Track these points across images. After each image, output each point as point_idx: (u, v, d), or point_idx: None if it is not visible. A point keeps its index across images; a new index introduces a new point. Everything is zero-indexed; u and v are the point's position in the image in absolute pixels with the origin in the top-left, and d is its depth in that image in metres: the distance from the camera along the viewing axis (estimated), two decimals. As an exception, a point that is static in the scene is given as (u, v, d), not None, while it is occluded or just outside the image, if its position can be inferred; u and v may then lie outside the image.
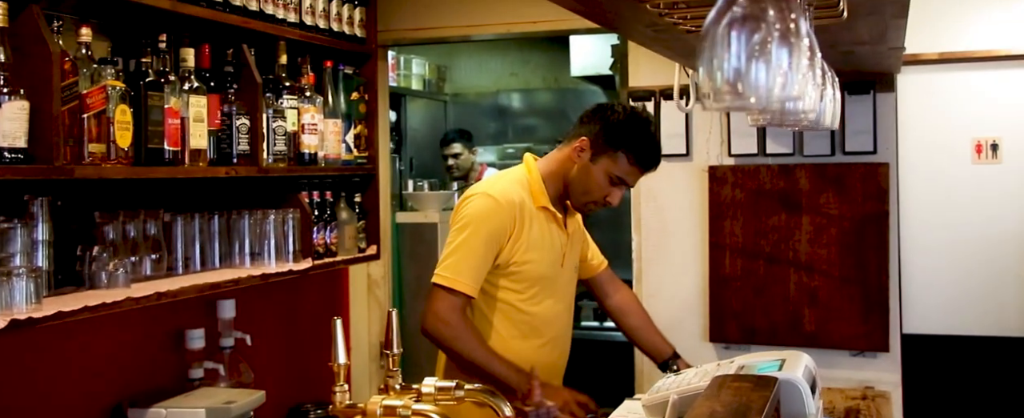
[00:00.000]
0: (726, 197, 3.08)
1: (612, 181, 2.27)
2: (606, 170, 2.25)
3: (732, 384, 1.61)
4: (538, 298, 2.33)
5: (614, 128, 2.25)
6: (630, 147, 2.24)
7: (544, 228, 2.31)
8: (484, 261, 2.24)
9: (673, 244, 3.22)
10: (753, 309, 3.05)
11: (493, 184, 2.34)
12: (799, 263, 3.00)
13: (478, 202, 2.27)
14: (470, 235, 2.23)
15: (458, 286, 2.20)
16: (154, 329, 2.44)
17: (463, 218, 2.27)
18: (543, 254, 2.31)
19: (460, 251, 2.23)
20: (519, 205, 2.26)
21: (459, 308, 2.21)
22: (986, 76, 3.63)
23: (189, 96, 2.26)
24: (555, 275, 2.35)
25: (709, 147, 3.15)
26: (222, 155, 2.41)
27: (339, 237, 2.93)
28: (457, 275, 2.21)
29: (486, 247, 2.24)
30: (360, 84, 3.05)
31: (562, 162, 2.33)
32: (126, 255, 2.18)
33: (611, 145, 2.25)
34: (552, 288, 2.35)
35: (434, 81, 5.85)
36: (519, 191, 2.30)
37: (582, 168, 2.28)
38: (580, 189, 2.29)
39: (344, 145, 2.94)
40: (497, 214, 2.23)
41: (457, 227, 2.27)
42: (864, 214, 2.95)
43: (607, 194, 2.28)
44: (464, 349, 2.20)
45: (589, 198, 2.30)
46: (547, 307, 2.35)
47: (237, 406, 2.30)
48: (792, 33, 0.80)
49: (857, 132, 2.97)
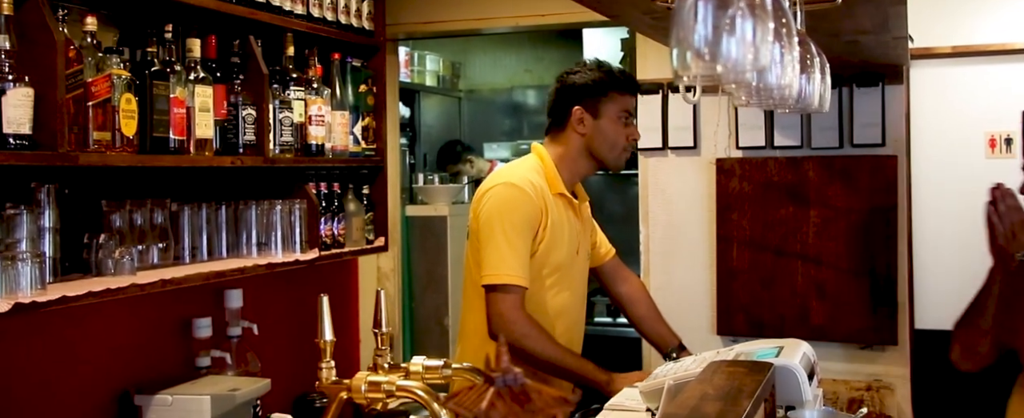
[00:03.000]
0: (734, 190, 3.07)
1: (623, 120, 2.36)
2: (612, 116, 2.35)
3: (726, 369, 1.60)
4: (555, 287, 2.33)
5: (589, 83, 2.35)
6: (613, 85, 2.36)
7: (562, 215, 2.33)
8: (526, 249, 2.24)
9: (681, 237, 3.21)
10: (761, 302, 3.04)
11: (511, 173, 2.34)
12: (807, 256, 2.98)
13: (503, 193, 2.26)
14: (506, 227, 2.21)
15: (511, 280, 2.19)
16: (161, 318, 2.47)
17: (491, 211, 2.25)
18: (562, 241, 2.32)
19: (500, 245, 2.21)
20: (541, 192, 2.28)
21: (519, 304, 2.20)
22: (1000, 70, 3.59)
23: (195, 86, 2.29)
24: (571, 263, 2.36)
25: (717, 140, 3.14)
26: (228, 145, 2.43)
27: (347, 228, 2.95)
28: (506, 270, 2.19)
29: (524, 237, 2.23)
30: (368, 76, 3.06)
31: (569, 143, 2.37)
32: (133, 244, 2.21)
33: (599, 94, 2.35)
34: (568, 276, 2.35)
35: (448, 77, 5.85)
36: (537, 178, 2.31)
37: (594, 131, 2.34)
38: (606, 147, 2.37)
39: (352, 137, 2.96)
40: (526, 201, 2.24)
41: (487, 221, 2.25)
42: (872, 207, 2.94)
43: (628, 135, 2.38)
44: (535, 347, 2.18)
45: (619, 148, 2.39)
46: (563, 296, 2.35)
47: (242, 393, 2.32)
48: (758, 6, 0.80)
49: (865, 125, 2.96)
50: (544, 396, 0.77)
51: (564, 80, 2.40)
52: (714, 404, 1.35)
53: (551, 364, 2.18)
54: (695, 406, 1.36)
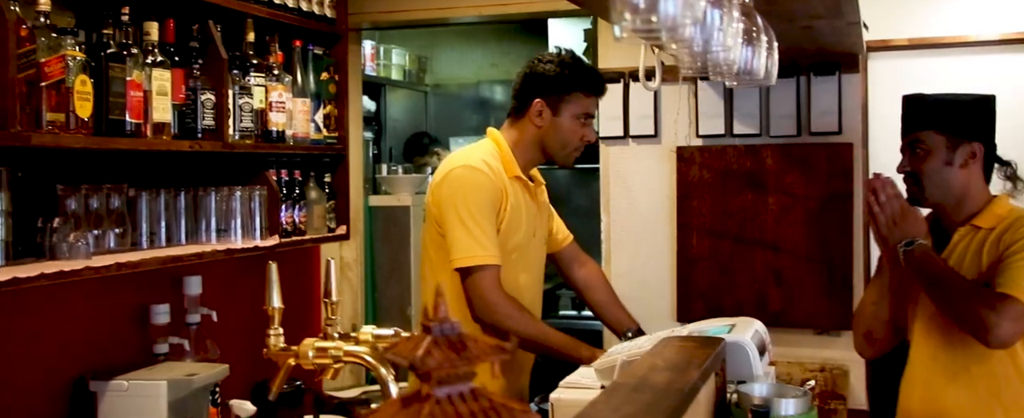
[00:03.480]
0: (694, 177, 3.11)
1: (581, 121, 2.36)
2: (571, 115, 2.34)
3: (678, 343, 1.63)
4: (515, 268, 2.34)
5: (556, 77, 2.34)
6: (579, 85, 2.35)
7: (519, 197, 2.34)
8: (493, 228, 2.24)
9: (641, 225, 3.24)
10: (720, 289, 3.07)
11: (467, 156, 2.34)
12: (765, 242, 3.02)
13: (463, 175, 2.26)
14: (471, 208, 2.21)
15: (484, 260, 2.19)
16: (118, 304, 2.45)
17: (453, 194, 2.24)
18: (521, 224, 2.33)
19: (468, 226, 2.20)
20: (498, 174, 2.29)
21: (496, 283, 2.20)
22: (955, 62, 3.65)
23: (152, 69, 2.27)
24: (528, 245, 2.37)
25: (677, 128, 3.17)
26: (186, 130, 2.42)
27: (308, 216, 2.94)
28: (477, 251, 2.19)
29: (488, 216, 2.23)
30: (330, 65, 3.06)
31: (525, 131, 2.37)
32: (88, 229, 2.19)
33: (564, 91, 2.33)
34: (525, 259, 2.37)
35: (415, 72, 5.85)
36: (493, 161, 2.31)
37: (551, 126, 2.34)
38: (558, 144, 2.36)
39: (313, 125, 2.95)
40: (487, 182, 2.25)
41: (450, 205, 2.24)
42: (829, 194, 2.98)
43: (582, 135, 2.37)
44: (517, 326, 2.19)
45: (571, 147, 2.38)
46: (522, 278, 2.36)
47: (199, 378, 2.31)
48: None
49: (822, 113, 3.00)
50: (480, 344, 0.78)
51: (532, 68, 2.39)
52: (663, 374, 1.38)
53: (536, 342, 2.21)
54: (644, 376, 1.38)
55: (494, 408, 0.79)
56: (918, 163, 2.00)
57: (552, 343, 2.22)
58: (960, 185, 1.99)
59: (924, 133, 2.00)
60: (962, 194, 2.00)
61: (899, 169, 2.06)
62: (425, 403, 0.78)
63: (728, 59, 1.19)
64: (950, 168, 1.98)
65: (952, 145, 1.98)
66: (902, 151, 2.06)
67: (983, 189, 2.04)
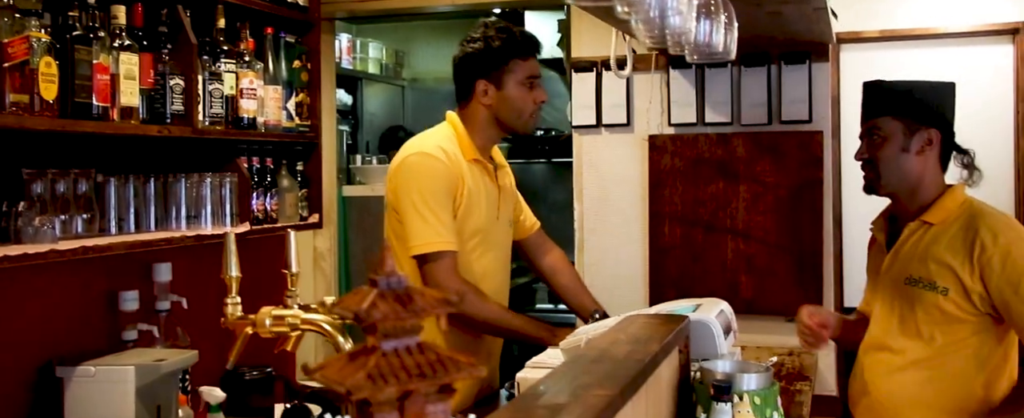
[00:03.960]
0: (665, 166, 3.12)
1: (527, 86, 2.35)
2: (516, 83, 2.34)
3: (642, 320, 1.64)
4: (478, 250, 2.34)
5: (488, 53, 2.34)
6: (512, 52, 2.33)
7: (478, 180, 2.34)
8: (449, 214, 2.24)
9: (614, 213, 3.26)
10: (691, 276, 3.09)
11: (422, 143, 2.35)
12: (736, 230, 3.04)
13: (417, 162, 2.27)
14: (425, 195, 2.22)
15: (440, 247, 2.19)
16: (86, 290, 2.43)
17: (408, 182, 2.25)
18: (480, 206, 2.33)
19: (423, 214, 2.21)
20: (455, 158, 2.29)
21: (453, 269, 2.20)
22: (924, 53, 3.69)
23: (120, 53, 2.26)
24: (491, 228, 2.37)
25: (649, 117, 3.19)
26: (155, 114, 2.40)
27: (280, 204, 2.93)
28: (433, 237, 2.19)
29: (443, 203, 2.23)
30: (302, 53, 3.05)
31: (476, 113, 2.37)
32: (55, 214, 2.17)
33: (500, 64, 2.33)
34: (490, 240, 2.37)
35: (392, 66, 5.84)
36: (449, 146, 2.32)
37: (499, 100, 2.34)
38: (513, 114, 2.36)
39: (285, 112, 2.94)
40: (441, 168, 2.25)
41: (406, 193, 2.25)
42: (800, 182, 3.01)
43: (534, 98, 2.36)
44: (474, 311, 2.19)
45: (526, 114, 2.37)
46: (486, 261, 2.36)
47: (167, 364, 2.29)
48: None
49: (792, 101, 3.03)
50: (427, 297, 0.78)
51: (463, 52, 2.39)
52: (623, 347, 1.38)
53: (494, 325, 2.21)
54: (605, 349, 1.38)
55: (441, 361, 0.79)
56: (875, 150, 2.01)
57: (512, 325, 2.23)
58: (916, 172, 2.00)
59: (881, 120, 2.01)
60: (917, 182, 2.01)
61: (857, 156, 2.08)
62: (371, 356, 0.78)
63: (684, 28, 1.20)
64: (906, 154, 1.99)
65: (909, 131, 1.99)
66: (860, 138, 2.08)
67: (938, 178, 2.04)
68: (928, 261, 1.95)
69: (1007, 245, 1.89)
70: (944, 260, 1.93)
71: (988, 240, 1.90)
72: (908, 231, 2.02)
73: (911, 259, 1.98)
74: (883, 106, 2.02)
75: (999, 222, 1.94)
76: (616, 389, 1.10)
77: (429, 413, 0.79)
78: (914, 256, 1.98)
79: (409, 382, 0.77)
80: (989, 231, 1.91)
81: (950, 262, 1.92)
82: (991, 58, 3.63)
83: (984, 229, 1.91)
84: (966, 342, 1.95)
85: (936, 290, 1.93)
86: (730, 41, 1.63)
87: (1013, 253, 1.88)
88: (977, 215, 1.96)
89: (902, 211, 2.07)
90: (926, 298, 1.95)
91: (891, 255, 2.03)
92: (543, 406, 1.04)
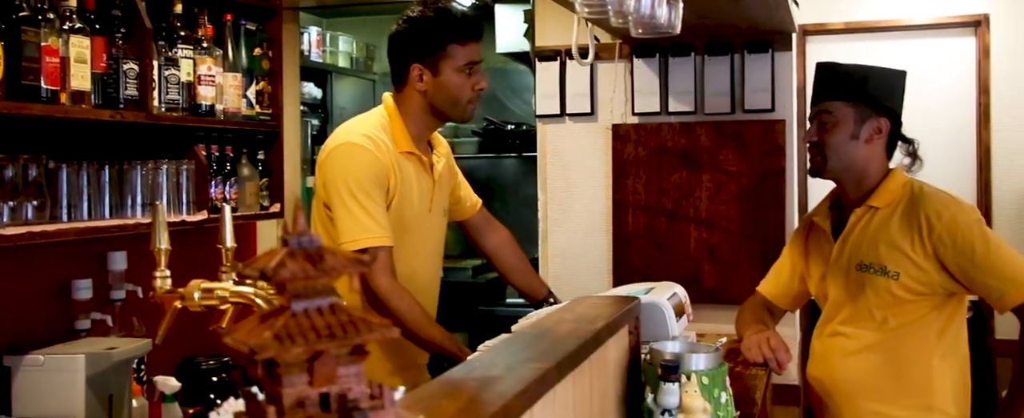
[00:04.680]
0: (629, 155, 3.11)
1: (466, 72, 2.21)
2: (453, 70, 2.19)
3: (591, 301, 1.63)
4: (408, 248, 2.25)
5: (423, 36, 2.19)
6: (450, 36, 2.18)
7: (410, 172, 2.24)
8: (380, 206, 2.14)
9: (578, 203, 3.25)
10: (655, 266, 3.08)
11: (353, 130, 2.24)
12: (699, 219, 3.04)
13: (346, 152, 2.16)
14: (354, 187, 2.11)
15: (372, 243, 2.08)
16: (38, 279, 2.39)
17: (336, 173, 2.15)
18: (412, 199, 2.24)
19: (352, 208, 2.10)
20: (386, 148, 2.18)
21: (387, 266, 2.10)
22: (887, 46, 3.72)
23: (70, 36, 2.22)
24: (422, 221, 2.28)
25: (613, 106, 3.18)
26: (109, 99, 2.37)
27: (240, 193, 2.90)
28: (363, 233, 2.09)
29: (374, 195, 2.13)
30: (263, 40, 3.02)
31: (411, 99, 2.24)
32: (3, 200, 2.13)
33: (437, 49, 2.18)
34: (421, 236, 2.27)
35: (362, 60, 5.81)
36: (382, 135, 2.20)
37: (435, 87, 2.20)
38: (450, 102, 2.22)
39: (245, 100, 2.91)
40: (371, 159, 2.15)
41: (334, 185, 2.14)
42: (762, 171, 3.01)
43: (473, 85, 2.22)
44: (399, 307, 2.09)
45: (463, 102, 2.23)
46: (416, 257, 2.27)
47: (119, 352, 2.25)
48: None
49: (755, 90, 3.03)
50: (338, 257, 0.76)
51: (397, 34, 2.24)
52: (567, 325, 1.37)
53: (412, 330, 2.10)
54: (549, 327, 1.37)
55: (352, 322, 0.78)
56: (824, 134, 2.01)
57: (429, 335, 2.10)
58: (862, 160, 2.00)
59: (834, 103, 2.00)
60: (863, 170, 2.01)
61: (805, 138, 2.07)
62: (281, 316, 0.77)
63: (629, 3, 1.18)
64: (855, 141, 1.99)
65: (860, 118, 1.99)
66: (810, 120, 2.07)
67: (883, 165, 2.05)
68: (878, 245, 1.96)
69: (952, 219, 1.90)
70: (893, 242, 1.94)
71: (933, 218, 1.91)
72: (855, 217, 2.02)
73: (860, 245, 1.99)
74: (837, 90, 2.01)
75: (939, 200, 1.95)
76: (551, 363, 1.08)
77: (340, 375, 0.77)
78: (863, 242, 1.98)
79: (318, 342, 0.75)
80: (932, 209, 1.92)
81: (899, 244, 1.93)
82: (954, 50, 3.66)
83: (928, 208, 1.92)
84: (919, 323, 1.96)
85: (887, 275, 1.94)
86: (674, 17, 1.62)
87: (960, 225, 1.90)
88: (919, 195, 1.97)
89: (846, 197, 2.07)
90: (878, 283, 1.95)
91: (839, 243, 2.03)
92: (474, 378, 1.02)
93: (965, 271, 1.89)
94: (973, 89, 3.64)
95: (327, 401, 0.77)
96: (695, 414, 1.45)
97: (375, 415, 0.77)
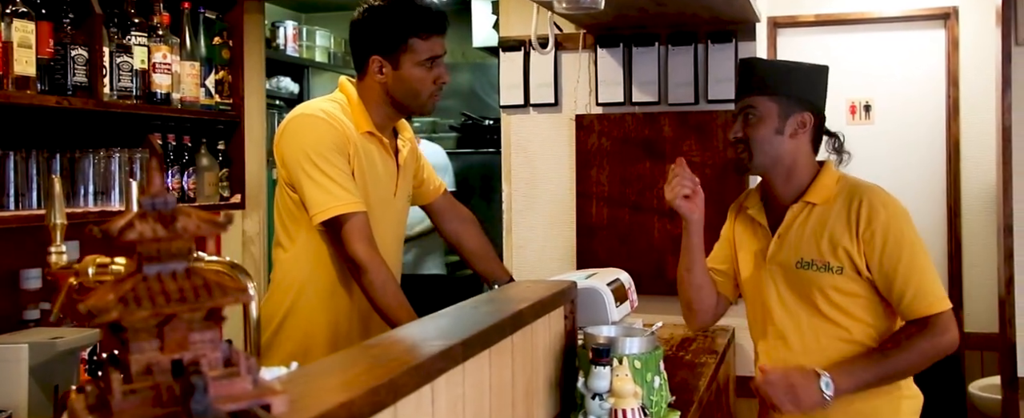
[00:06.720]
0: (593, 146, 3.09)
1: (427, 66, 2.15)
2: (414, 63, 2.13)
3: (525, 285, 1.60)
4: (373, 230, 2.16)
5: (384, 28, 2.13)
6: (411, 29, 2.12)
7: (372, 155, 2.19)
8: (346, 173, 2.07)
9: (542, 194, 3.22)
10: (619, 257, 3.05)
11: (306, 106, 2.19)
12: (663, 211, 3.01)
13: (302, 123, 2.11)
14: (314, 157, 2.04)
15: (343, 209, 2.02)
16: (-17, 267, 2.36)
17: (295, 145, 2.09)
18: (375, 182, 2.19)
19: (317, 177, 2.03)
20: (344, 125, 2.13)
21: (365, 233, 2.04)
22: (858, 38, 3.71)
23: (13, 20, 2.19)
24: (387, 206, 2.23)
25: (577, 96, 3.16)
26: (56, 86, 2.33)
27: (198, 183, 2.87)
28: (334, 201, 2.02)
29: (338, 163, 2.06)
30: (223, 29, 2.99)
31: (372, 89, 2.18)
32: (-53, 187, 2.11)
33: (399, 43, 2.12)
34: (383, 220, 2.22)
35: (340, 54, 5.78)
36: (339, 114, 2.15)
37: (395, 80, 2.15)
38: (410, 95, 2.17)
39: (203, 89, 2.88)
40: (328, 128, 2.09)
41: (294, 157, 2.08)
42: (726, 161, 2.98)
43: (434, 78, 2.16)
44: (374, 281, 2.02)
45: (423, 95, 2.18)
46: (380, 240, 2.18)
47: (64, 342, 2.22)
48: None
49: (719, 80, 3.00)
50: (194, 217, 0.73)
51: (358, 24, 2.18)
52: (488, 306, 1.34)
53: (382, 308, 2.05)
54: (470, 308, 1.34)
55: (206, 286, 0.75)
56: (748, 129, 1.98)
57: (399, 320, 2.01)
58: (788, 155, 1.97)
59: (757, 99, 1.97)
60: (791, 165, 1.98)
61: (731, 135, 2.04)
62: (130, 280, 0.74)
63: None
64: (780, 137, 1.96)
65: (784, 113, 1.96)
66: (734, 116, 2.04)
67: (811, 161, 2.02)
68: (818, 242, 1.93)
69: (887, 222, 1.88)
70: (833, 238, 1.91)
71: (870, 216, 1.88)
72: (792, 214, 1.98)
73: (799, 242, 1.95)
74: (760, 85, 1.98)
75: (877, 198, 1.92)
76: (456, 340, 1.06)
77: (193, 341, 0.75)
78: (802, 239, 1.95)
79: (166, 306, 0.72)
80: (868, 207, 1.89)
81: (840, 240, 1.90)
82: (924, 42, 3.65)
83: (864, 205, 1.90)
84: (863, 317, 1.93)
85: (830, 271, 1.91)
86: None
87: (892, 230, 1.87)
88: (855, 191, 1.94)
89: (773, 194, 2.04)
90: (822, 280, 1.92)
91: (776, 240, 2.00)
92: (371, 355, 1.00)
93: (886, 276, 1.87)
94: (943, 81, 3.62)
95: (182, 368, 0.75)
96: (626, 398, 1.43)
97: (228, 383, 0.74)
